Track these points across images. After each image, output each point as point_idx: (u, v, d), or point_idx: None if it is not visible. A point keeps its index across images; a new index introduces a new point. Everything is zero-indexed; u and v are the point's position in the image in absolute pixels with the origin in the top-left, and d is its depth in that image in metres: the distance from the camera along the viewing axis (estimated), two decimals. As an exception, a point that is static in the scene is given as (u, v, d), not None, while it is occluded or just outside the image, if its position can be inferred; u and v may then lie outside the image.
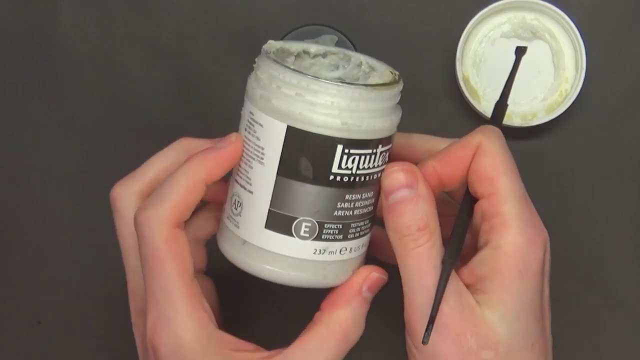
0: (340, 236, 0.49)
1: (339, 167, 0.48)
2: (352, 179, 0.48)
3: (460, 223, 0.50)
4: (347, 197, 0.48)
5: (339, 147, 0.47)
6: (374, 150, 0.48)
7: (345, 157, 0.47)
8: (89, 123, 0.68)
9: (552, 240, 0.50)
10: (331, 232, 0.49)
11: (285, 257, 0.49)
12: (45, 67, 0.68)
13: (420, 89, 0.67)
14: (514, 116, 0.66)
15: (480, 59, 0.66)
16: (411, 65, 0.67)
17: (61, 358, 0.67)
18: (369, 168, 0.49)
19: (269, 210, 0.49)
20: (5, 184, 0.68)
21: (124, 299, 0.54)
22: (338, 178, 0.48)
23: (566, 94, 0.66)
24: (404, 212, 0.48)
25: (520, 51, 0.55)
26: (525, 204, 0.49)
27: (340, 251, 0.50)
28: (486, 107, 0.65)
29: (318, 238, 0.49)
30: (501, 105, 0.53)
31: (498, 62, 0.66)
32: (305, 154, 0.47)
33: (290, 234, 0.49)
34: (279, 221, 0.49)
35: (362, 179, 0.49)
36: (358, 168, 0.48)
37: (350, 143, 0.47)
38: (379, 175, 0.50)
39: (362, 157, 0.48)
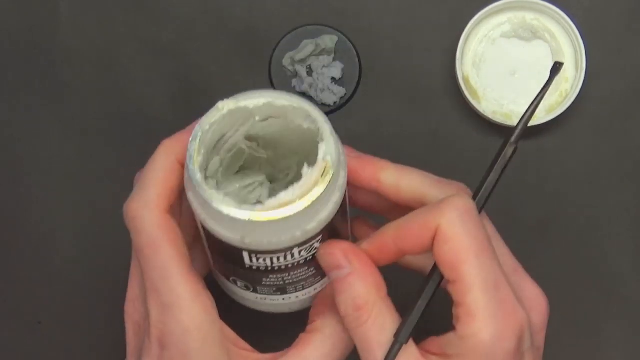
0: (279, 292, 0.49)
1: (251, 262, 0.46)
2: (270, 268, 0.46)
3: (416, 303, 0.47)
4: (271, 276, 0.47)
5: (245, 253, 0.45)
6: (289, 252, 0.46)
7: (254, 258, 0.45)
8: (89, 123, 0.68)
9: (552, 240, 0.50)
10: (267, 291, 0.49)
11: (233, 291, 0.51)
12: (45, 67, 0.68)
13: (420, 89, 0.67)
14: (514, 116, 0.65)
15: (480, 59, 0.66)
16: (411, 65, 0.67)
17: (61, 358, 0.67)
18: (287, 261, 0.46)
19: (211, 262, 0.50)
20: (5, 184, 0.68)
21: (124, 298, 0.54)
22: (254, 268, 0.46)
23: (566, 94, 0.66)
24: (341, 291, 0.47)
25: (556, 69, 0.48)
26: (493, 291, 0.45)
27: (283, 299, 0.50)
28: (486, 107, 0.65)
29: (255, 292, 0.49)
30: (509, 145, 0.48)
31: (498, 62, 0.66)
32: (219, 248, 0.46)
33: (231, 283, 0.49)
34: (220, 272, 0.50)
35: (283, 267, 0.47)
36: (272, 263, 0.46)
37: (256, 252, 0.45)
38: (310, 257, 0.47)
39: (275, 258, 0.46)
